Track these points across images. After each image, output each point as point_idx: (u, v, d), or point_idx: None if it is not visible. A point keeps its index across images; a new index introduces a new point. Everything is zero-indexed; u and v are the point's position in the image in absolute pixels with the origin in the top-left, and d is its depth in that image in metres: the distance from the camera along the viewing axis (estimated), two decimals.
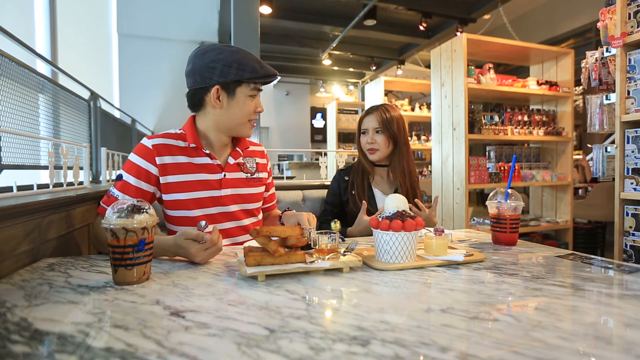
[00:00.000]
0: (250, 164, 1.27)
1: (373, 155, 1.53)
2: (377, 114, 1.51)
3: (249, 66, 1.09)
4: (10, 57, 1.27)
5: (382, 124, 1.50)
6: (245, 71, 1.09)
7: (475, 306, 0.63)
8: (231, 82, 1.09)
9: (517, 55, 3.52)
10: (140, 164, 1.09)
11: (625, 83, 1.77)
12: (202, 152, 1.15)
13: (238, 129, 1.17)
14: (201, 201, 1.14)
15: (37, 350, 0.48)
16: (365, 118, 1.56)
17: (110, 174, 1.99)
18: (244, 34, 2.43)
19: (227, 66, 1.08)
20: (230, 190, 1.19)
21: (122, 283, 0.74)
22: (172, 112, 5.24)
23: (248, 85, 1.11)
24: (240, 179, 1.23)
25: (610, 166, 1.91)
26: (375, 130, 1.52)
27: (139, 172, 1.09)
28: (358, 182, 1.52)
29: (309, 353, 0.47)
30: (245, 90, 1.12)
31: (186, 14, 5.39)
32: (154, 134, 1.15)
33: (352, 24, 4.99)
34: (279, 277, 0.79)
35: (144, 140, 1.12)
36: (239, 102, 1.12)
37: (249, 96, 1.13)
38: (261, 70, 1.11)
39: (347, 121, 6.19)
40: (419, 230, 0.90)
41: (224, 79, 1.08)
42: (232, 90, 1.11)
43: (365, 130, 1.54)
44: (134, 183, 1.08)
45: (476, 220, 3.37)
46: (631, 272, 0.83)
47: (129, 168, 1.09)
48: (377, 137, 1.51)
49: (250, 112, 1.14)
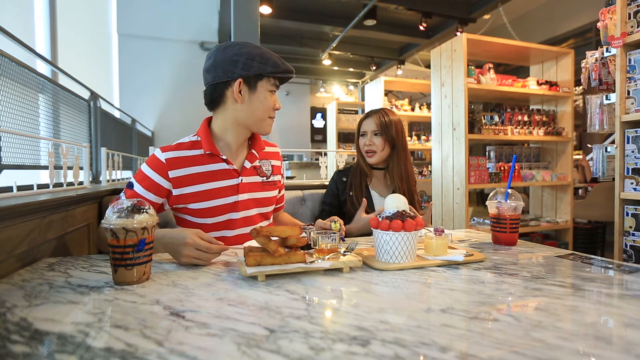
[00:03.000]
0: (266, 167, 1.26)
1: (371, 158, 1.55)
2: (375, 117, 1.54)
3: (271, 60, 1.11)
4: (10, 57, 1.27)
5: (380, 127, 1.52)
6: (267, 65, 1.09)
7: (475, 306, 0.63)
8: (253, 75, 1.09)
9: (517, 55, 3.52)
10: (152, 176, 1.08)
11: (625, 83, 1.77)
12: (219, 158, 1.14)
13: (258, 125, 1.15)
14: (218, 209, 1.14)
15: (37, 350, 0.48)
16: (364, 121, 1.58)
17: (110, 174, 1.99)
18: (244, 34, 2.43)
19: (250, 59, 1.08)
20: (247, 195, 1.18)
21: (122, 283, 0.74)
22: (172, 112, 5.24)
23: (269, 80, 1.12)
24: (256, 183, 1.22)
25: (610, 166, 1.91)
26: (374, 132, 1.54)
27: (150, 184, 1.08)
28: (356, 184, 1.54)
29: (309, 353, 0.47)
30: (266, 85, 1.12)
31: (186, 14, 5.40)
32: (168, 145, 1.14)
33: (352, 24, 4.99)
34: (279, 277, 0.79)
35: (157, 152, 1.11)
36: (259, 96, 1.12)
37: (269, 91, 1.13)
38: (282, 66, 1.12)
39: (347, 121, 6.19)
40: (419, 230, 0.90)
41: (246, 72, 1.08)
42: (253, 84, 1.10)
43: (364, 133, 1.57)
44: (143, 194, 1.07)
45: (476, 220, 3.36)
46: (631, 272, 0.83)
47: (140, 179, 1.09)
48: (375, 139, 1.53)
49: (270, 108, 1.14)
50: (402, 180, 1.53)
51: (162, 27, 5.29)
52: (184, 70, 5.33)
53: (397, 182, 1.53)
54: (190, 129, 5.74)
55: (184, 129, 5.35)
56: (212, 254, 0.89)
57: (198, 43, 5.47)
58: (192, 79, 5.38)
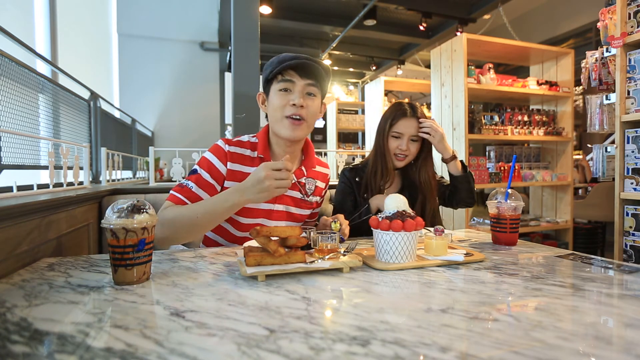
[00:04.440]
0: (309, 186, 1.26)
1: (401, 162, 1.39)
2: (416, 121, 1.37)
3: (272, 61, 1.12)
4: (10, 57, 1.27)
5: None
6: (269, 67, 1.12)
7: (475, 306, 0.63)
8: (265, 84, 1.14)
9: (517, 55, 3.52)
10: (214, 162, 1.13)
11: (625, 83, 1.77)
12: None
13: (277, 127, 1.14)
14: (253, 211, 1.17)
15: (37, 350, 0.48)
16: (401, 121, 1.38)
17: (110, 174, 1.99)
18: (244, 34, 2.43)
19: (263, 74, 1.14)
20: (283, 206, 1.20)
21: (122, 283, 0.74)
22: (172, 112, 5.24)
23: (276, 80, 1.12)
24: (294, 198, 1.22)
25: (610, 166, 1.91)
26: (412, 138, 1.37)
27: (212, 169, 1.12)
28: (373, 186, 1.39)
29: (309, 353, 0.47)
30: (275, 86, 1.13)
31: (186, 14, 5.40)
32: (230, 139, 1.20)
33: (352, 24, 4.99)
34: (279, 277, 0.79)
35: (221, 142, 1.17)
36: (272, 98, 1.14)
37: (278, 91, 1.12)
38: (278, 65, 1.10)
39: (347, 121, 6.19)
40: (419, 230, 0.90)
41: (262, 86, 1.16)
42: (267, 92, 1.16)
43: (400, 135, 1.37)
44: (207, 178, 1.11)
45: (476, 220, 3.36)
46: (631, 272, 0.83)
47: (204, 164, 1.13)
48: (412, 145, 1.38)
49: (281, 106, 1.11)
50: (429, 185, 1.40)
51: (162, 27, 5.29)
52: (184, 70, 5.33)
53: (422, 188, 1.40)
54: (190, 129, 5.76)
55: (184, 129, 5.37)
56: (287, 168, 0.92)
57: (198, 43, 5.47)
58: (192, 79, 5.39)
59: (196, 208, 1.00)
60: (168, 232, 0.99)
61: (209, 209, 0.98)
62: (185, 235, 1.02)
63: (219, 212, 0.98)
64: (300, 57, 1.10)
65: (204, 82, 5.47)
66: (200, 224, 0.99)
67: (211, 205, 0.99)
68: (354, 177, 1.44)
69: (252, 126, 2.42)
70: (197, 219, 0.98)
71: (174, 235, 1.01)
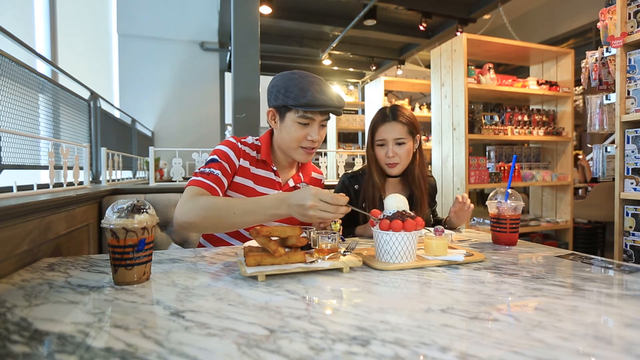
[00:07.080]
0: None
1: (393, 169, 1.32)
2: (397, 123, 1.30)
3: (295, 93, 1.09)
4: (10, 57, 1.27)
5: (406, 133, 1.30)
6: (289, 97, 1.10)
7: (475, 306, 0.63)
8: (281, 106, 1.13)
9: (517, 55, 3.52)
10: (229, 154, 1.17)
11: (625, 83, 1.77)
12: (270, 167, 1.22)
13: (289, 152, 1.19)
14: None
15: (37, 350, 0.48)
16: (381, 127, 1.32)
17: (110, 174, 1.98)
18: (244, 34, 2.43)
19: (278, 91, 1.12)
20: None
21: (122, 283, 0.74)
22: (172, 112, 5.24)
23: (296, 112, 1.12)
24: None
25: (610, 166, 1.91)
26: (396, 141, 1.30)
27: (229, 161, 1.16)
28: (369, 198, 1.35)
29: (309, 353, 0.47)
30: (294, 117, 1.13)
31: (186, 14, 5.39)
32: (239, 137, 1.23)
33: (352, 24, 4.98)
34: (279, 277, 0.79)
35: (232, 139, 1.21)
36: (287, 126, 1.15)
37: (297, 123, 1.13)
38: (304, 99, 1.08)
39: (347, 121, 6.19)
40: (419, 230, 0.90)
41: (274, 103, 1.15)
42: (282, 114, 1.15)
43: (384, 142, 1.31)
44: (227, 168, 1.14)
45: (476, 220, 3.36)
46: (631, 272, 0.83)
47: (222, 156, 1.15)
48: (399, 149, 1.30)
49: (298, 139, 1.14)
50: (420, 185, 1.35)
51: (162, 27, 5.28)
52: (184, 70, 5.33)
53: (414, 189, 1.36)
54: (190, 129, 5.77)
55: (184, 129, 5.37)
56: (338, 205, 0.86)
57: (198, 43, 5.46)
58: (192, 79, 5.39)
59: (234, 205, 0.97)
60: (199, 219, 0.96)
61: (249, 209, 0.95)
62: (214, 227, 1.01)
63: (259, 217, 0.95)
64: (329, 106, 1.10)
65: (204, 82, 5.47)
66: (234, 222, 0.97)
67: (252, 207, 0.95)
68: (352, 185, 1.42)
69: (252, 126, 2.42)
70: (233, 216, 0.95)
71: (204, 223, 0.98)
